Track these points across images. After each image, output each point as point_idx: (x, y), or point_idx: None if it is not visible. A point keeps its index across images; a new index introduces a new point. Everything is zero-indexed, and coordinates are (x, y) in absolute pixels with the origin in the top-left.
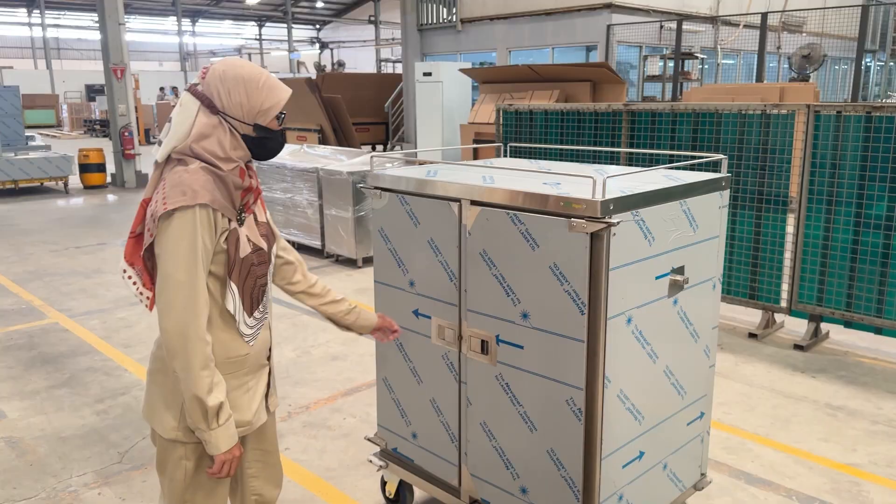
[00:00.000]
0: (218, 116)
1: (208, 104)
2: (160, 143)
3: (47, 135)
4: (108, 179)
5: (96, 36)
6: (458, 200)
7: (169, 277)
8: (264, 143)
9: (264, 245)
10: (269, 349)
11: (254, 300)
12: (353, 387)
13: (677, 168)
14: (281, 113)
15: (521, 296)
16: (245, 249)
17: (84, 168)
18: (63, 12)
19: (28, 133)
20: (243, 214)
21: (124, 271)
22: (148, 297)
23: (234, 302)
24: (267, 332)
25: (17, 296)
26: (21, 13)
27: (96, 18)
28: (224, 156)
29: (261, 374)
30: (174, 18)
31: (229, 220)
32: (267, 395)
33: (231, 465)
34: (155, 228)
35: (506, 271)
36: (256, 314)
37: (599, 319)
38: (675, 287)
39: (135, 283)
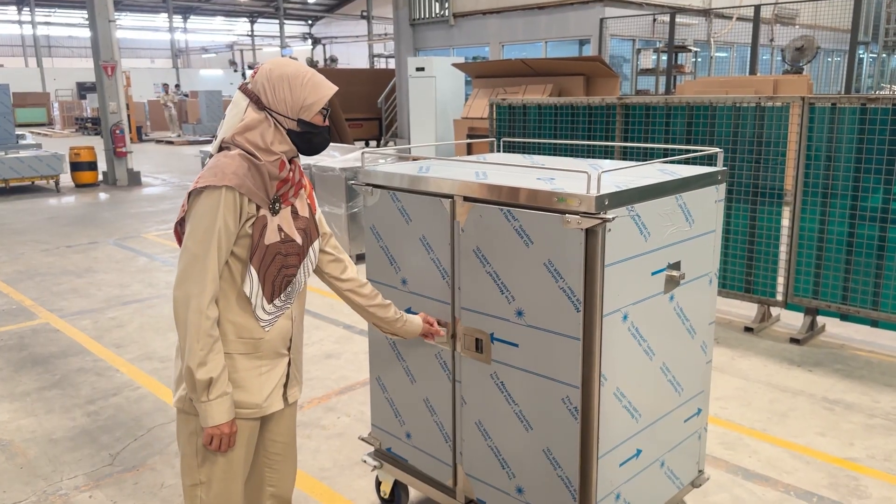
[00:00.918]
0: (264, 112)
1: (255, 100)
2: (215, 137)
3: (38, 133)
4: (100, 178)
5: (87, 33)
6: (450, 197)
7: (187, 250)
8: (309, 137)
9: (298, 238)
10: (291, 340)
11: (275, 288)
12: (347, 385)
13: (672, 162)
14: (325, 109)
15: (516, 293)
16: (272, 238)
17: (75, 166)
18: (53, 9)
19: (19, 131)
20: (279, 205)
21: None
22: None
23: (251, 286)
24: (288, 322)
25: (7, 296)
26: (11, 11)
27: (86, 15)
28: (264, 147)
29: (278, 361)
30: (165, 15)
31: (258, 207)
32: (286, 386)
33: (222, 442)
34: (186, 204)
35: (500, 268)
36: (277, 302)
37: (595, 316)
38: (672, 283)
39: None
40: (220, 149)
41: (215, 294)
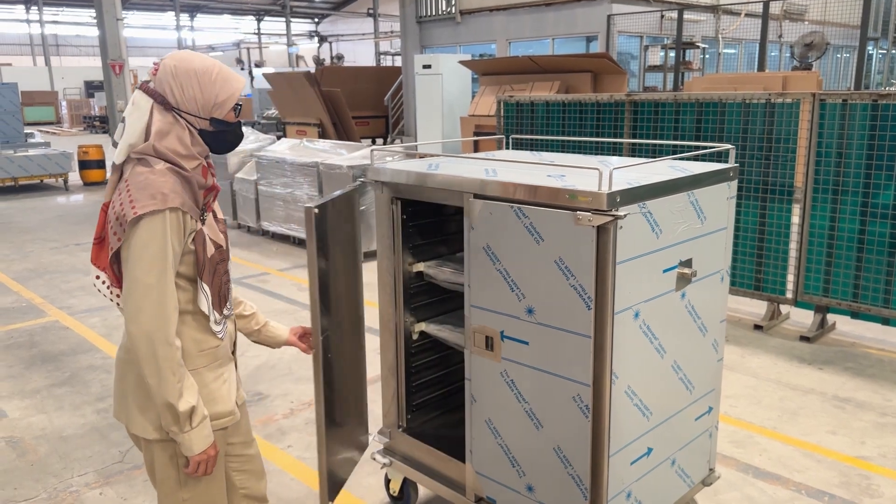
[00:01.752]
0: (172, 113)
1: (161, 101)
2: (115, 143)
3: (47, 132)
4: (108, 175)
5: (95, 32)
6: (460, 194)
7: (137, 282)
8: (223, 136)
9: (223, 242)
10: (234, 343)
11: (221, 298)
12: None
13: (683, 159)
14: (237, 104)
15: (526, 291)
16: (210, 250)
17: (84, 165)
18: (61, 8)
19: (27, 130)
20: (205, 213)
21: (97, 276)
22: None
23: (206, 302)
24: (232, 325)
25: (17, 294)
26: (19, 10)
27: (94, 14)
28: (186, 153)
29: (230, 366)
30: (172, 13)
31: (196, 220)
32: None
33: (207, 465)
34: (122, 232)
35: (510, 266)
36: (225, 311)
37: (606, 314)
38: (683, 280)
39: (107, 286)
40: (129, 159)
41: (175, 322)
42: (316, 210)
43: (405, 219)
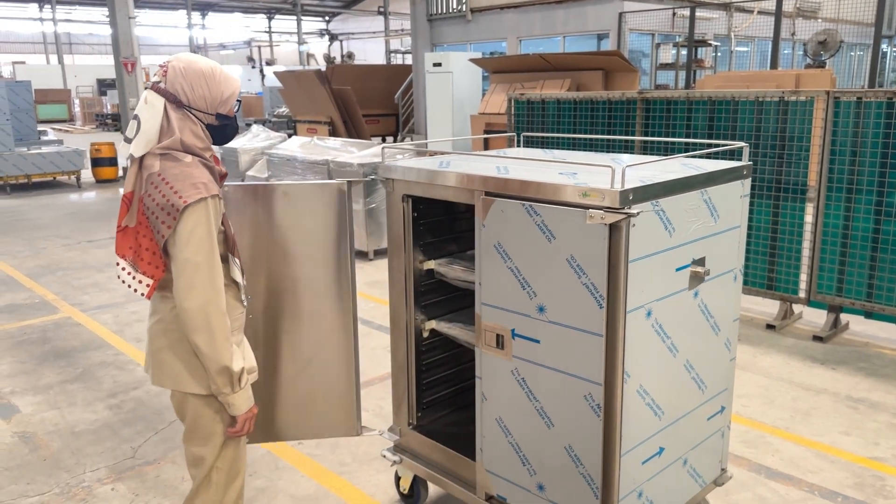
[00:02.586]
0: (183, 110)
1: (174, 100)
2: (127, 140)
3: (60, 129)
4: (120, 173)
5: (107, 30)
6: (472, 191)
7: (188, 262)
8: (224, 129)
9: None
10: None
11: (243, 270)
12: (366, 380)
13: (695, 157)
14: (237, 100)
15: (538, 289)
16: (230, 229)
17: (96, 162)
18: (74, 7)
19: (40, 128)
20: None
21: (118, 264)
22: (148, 285)
23: (239, 272)
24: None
25: (30, 290)
26: (33, 8)
27: (107, 13)
28: (203, 145)
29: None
30: (184, 12)
31: (223, 204)
32: None
33: (250, 423)
34: (172, 221)
35: (521, 264)
36: (245, 280)
37: (618, 313)
38: (696, 279)
39: (130, 274)
40: (149, 154)
41: (224, 295)
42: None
43: (416, 216)
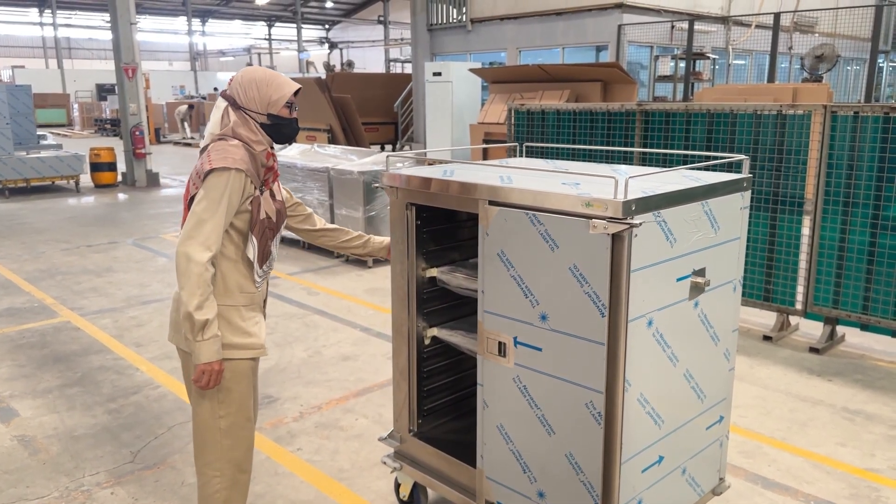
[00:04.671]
0: (240, 111)
1: (232, 102)
2: (204, 136)
3: (59, 134)
4: (119, 178)
5: (107, 36)
6: (476, 200)
7: (195, 214)
8: (278, 128)
9: (275, 216)
10: (265, 301)
11: (264, 256)
12: (365, 387)
13: (696, 168)
14: (291, 103)
15: (540, 297)
16: (263, 213)
17: (95, 167)
18: (74, 12)
19: (40, 132)
20: (263, 188)
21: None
22: None
23: (253, 251)
24: (266, 285)
25: (29, 294)
26: (33, 13)
27: (107, 18)
28: (255, 139)
29: (261, 316)
30: (185, 18)
31: (255, 188)
32: None
33: (211, 377)
34: (199, 182)
35: (524, 272)
36: (265, 267)
37: (620, 322)
38: (697, 289)
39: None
40: (214, 140)
41: (214, 253)
42: None
43: (419, 224)
